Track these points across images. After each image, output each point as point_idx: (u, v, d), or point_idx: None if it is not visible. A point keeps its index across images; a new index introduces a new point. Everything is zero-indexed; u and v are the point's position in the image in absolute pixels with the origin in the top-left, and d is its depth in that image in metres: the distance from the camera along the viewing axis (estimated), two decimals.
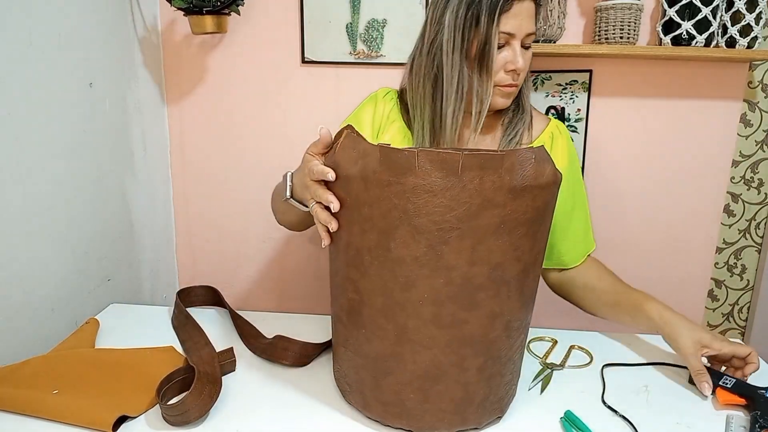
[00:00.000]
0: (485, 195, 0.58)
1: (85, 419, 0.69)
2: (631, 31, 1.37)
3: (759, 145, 1.55)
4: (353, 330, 0.69)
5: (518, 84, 0.97)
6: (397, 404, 0.68)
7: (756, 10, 1.33)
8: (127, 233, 1.36)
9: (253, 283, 1.70)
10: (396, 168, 0.59)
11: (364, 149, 0.62)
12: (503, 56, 0.93)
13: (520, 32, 0.92)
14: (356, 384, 0.72)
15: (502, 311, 0.64)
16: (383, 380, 0.68)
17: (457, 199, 0.58)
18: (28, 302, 0.99)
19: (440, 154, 0.58)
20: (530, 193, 0.60)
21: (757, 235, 1.62)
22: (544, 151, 0.62)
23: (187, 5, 1.29)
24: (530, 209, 0.60)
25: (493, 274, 0.61)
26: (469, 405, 0.67)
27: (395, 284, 0.63)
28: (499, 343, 0.66)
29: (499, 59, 0.93)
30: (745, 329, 1.70)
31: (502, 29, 0.91)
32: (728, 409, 0.77)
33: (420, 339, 0.64)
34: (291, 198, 0.80)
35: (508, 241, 0.61)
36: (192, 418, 0.70)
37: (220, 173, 1.61)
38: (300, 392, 0.79)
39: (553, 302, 1.68)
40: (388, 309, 0.64)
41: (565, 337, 0.96)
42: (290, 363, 0.85)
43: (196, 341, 0.87)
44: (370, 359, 0.68)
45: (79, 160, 1.14)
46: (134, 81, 1.38)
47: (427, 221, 0.59)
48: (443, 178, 0.58)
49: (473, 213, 0.58)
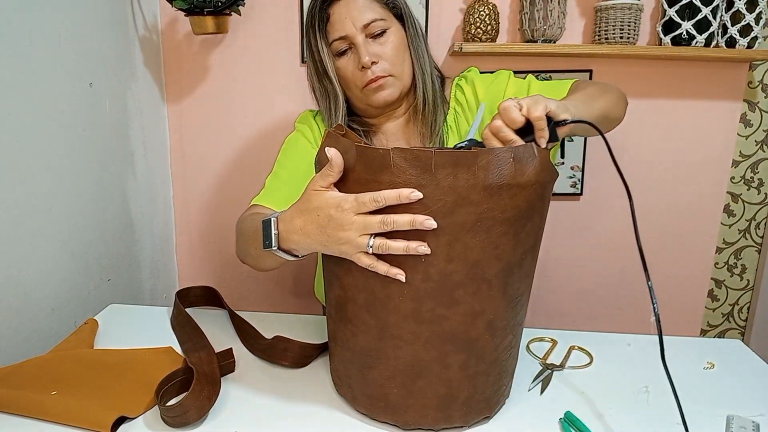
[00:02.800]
0: (459, 192, 0.58)
1: (83, 420, 0.69)
2: (631, 31, 1.37)
3: (759, 145, 1.55)
4: (341, 325, 0.71)
5: (387, 74, 0.96)
6: (382, 398, 0.69)
7: (756, 10, 1.33)
8: (127, 233, 1.36)
9: (253, 284, 1.70)
10: (372, 166, 0.60)
11: (344, 146, 0.63)
12: (351, 60, 0.96)
13: (354, 29, 0.93)
14: (345, 378, 0.73)
15: (484, 309, 0.64)
16: (368, 374, 0.69)
17: (431, 196, 0.58)
18: (28, 302, 0.99)
19: (413, 152, 0.58)
20: (508, 191, 0.60)
21: (757, 235, 1.62)
22: (527, 150, 0.61)
23: (188, 6, 1.29)
24: (509, 208, 0.60)
25: (471, 272, 0.62)
26: (452, 402, 0.68)
27: (376, 280, 0.64)
28: (482, 342, 0.66)
29: (348, 64, 0.96)
30: (745, 329, 1.70)
31: (332, 38, 0.95)
32: None
33: (401, 334, 0.65)
34: (277, 249, 0.69)
35: (486, 239, 0.61)
36: (191, 419, 0.70)
37: (220, 173, 1.61)
38: (299, 393, 0.79)
39: (553, 302, 1.69)
40: (370, 304, 0.65)
41: (565, 338, 0.96)
42: (289, 363, 0.85)
43: (195, 342, 0.87)
44: (356, 353, 0.69)
45: (79, 160, 1.14)
46: (134, 81, 1.38)
47: None
48: (417, 176, 0.58)
49: (448, 210, 0.59)
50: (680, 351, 0.92)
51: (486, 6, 1.36)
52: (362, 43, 0.93)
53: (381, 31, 0.95)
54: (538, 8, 1.35)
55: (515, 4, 1.46)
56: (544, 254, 1.64)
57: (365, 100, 0.99)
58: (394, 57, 0.96)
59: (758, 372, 0.87)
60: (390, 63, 0.95)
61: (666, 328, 1.77)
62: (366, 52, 0.93)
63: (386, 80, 0.96)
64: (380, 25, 0.94)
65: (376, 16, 0.94)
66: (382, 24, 0.94)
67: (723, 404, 0.78)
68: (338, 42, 0.95)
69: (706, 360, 0.90)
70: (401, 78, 0.98)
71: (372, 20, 0.93)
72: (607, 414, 0.75)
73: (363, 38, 0.94)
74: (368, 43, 0.94)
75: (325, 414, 0.74)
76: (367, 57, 0.93)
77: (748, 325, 1.69)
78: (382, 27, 0.95)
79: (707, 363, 0.89)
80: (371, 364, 0.68)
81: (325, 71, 0.97)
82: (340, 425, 0.72)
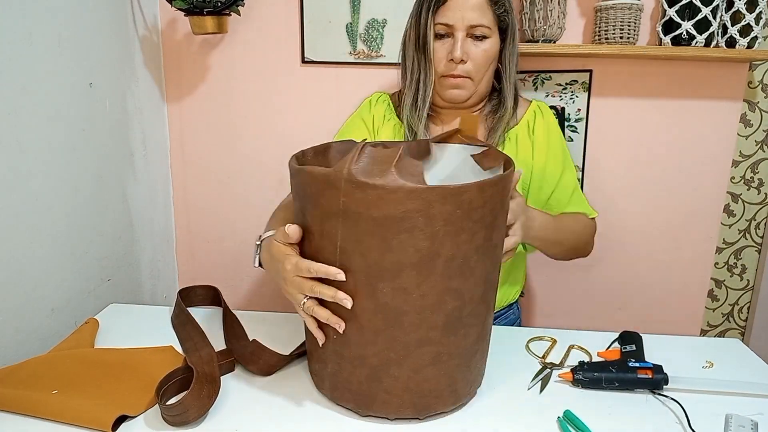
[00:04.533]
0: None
1: (84, 419, 0.69)
2: (631, 31, 1.37)
3: (759, 145, 1.55)
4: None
5: (468, 76, 1.01)
6: (351, 390, 0.72)
7: (756, 10, 1.33)
8: (127, 233, 1.37)
9: (253, 283, 1.70)
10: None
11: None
12: (445, 46, 1.00)
13: (462, 23, 0.98)
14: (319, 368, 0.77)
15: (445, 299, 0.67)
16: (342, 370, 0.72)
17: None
18: (28, 302, 1.00)
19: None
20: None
21: (757, 235, 1.62)
22: None
23: (188, 6, 1.29)
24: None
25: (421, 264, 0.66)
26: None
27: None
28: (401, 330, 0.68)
29: (441, 49, 1.01)
30: (745, 329, 1.70)
31: (439, 20, 0.99)
32: None
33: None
34: (261, 266, 0.80)
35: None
36: (191, 418, 0.70)
37: (220, 173, 1.61)
38: (299, 392, 0.79)
39: (553, 302, 1.69)
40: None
41: (565, 337, 0.96)
42: (256, 370, 0.83)
43: (195, 341, 0.87)
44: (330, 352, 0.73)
45: (79, 161, 1.14)
46: (134, 81, 1.38)
47: (361, 213, 0.63)
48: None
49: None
50: (680, 350, 0.92)
51: None
52: (462, 39, 0.99)
53: (482, 36, 1.00)
54: (538, 8, 1.36)
55: (515, 4, 1.46)
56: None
57: (437, 89, 1.04)
58: (482, 63, 1.01)
59: (757, 371, 0.87)
60: (475, 66, 1.01)
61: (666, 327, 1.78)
62: (461, 47, 0.98)
63: (464, 81, 1.02)
64: (484, 32, 0.99)
65: (484, 21, 0.99)
66: (486, 31, 1.00)
67: (722, 403, 0.78)
68: (441, 26, 1.00)
69: (705, 359, 0.90)
70: (477, 84, 1.03)
71: (480, 24, 0.98)
72: (607, 413, 0.75)
73: (464, 35, 0.99)
74: (466, 41, 0.99)
75: (326, 413, 0.74)
76: (459, 52, 0.98)
77: (748, 325, 1.69)
78: (485, 33, 1.00)
79: (706, 362, 0.89)
80: (337, 351, 0.72)
81: (426, 45, 1.01)
82: (340, 422, 0.72)
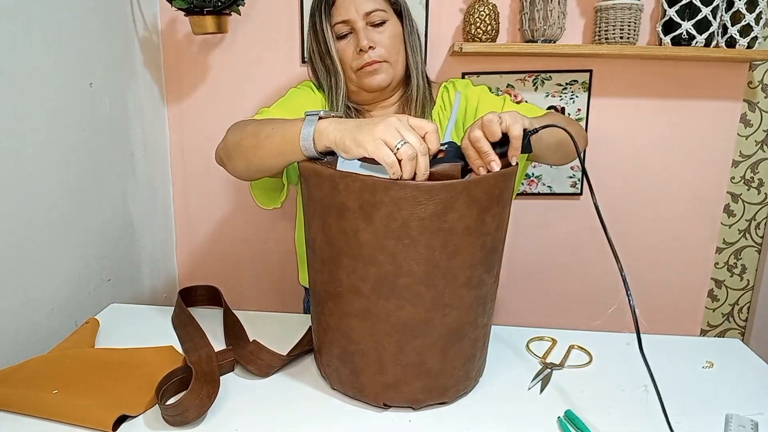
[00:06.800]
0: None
1: (85, 419, 0.69)
2: (631, 31, 1.37)
3: (759, 145, 1.55)
4: (313, 301, 0.80)
5: (382, 59, 1.02)
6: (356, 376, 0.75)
7: (756, 10, 1.33)
8: (127, 233, 1.37)
9: (253, 283, 1.70)
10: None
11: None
12: (350, 43, 1.03)
13: (357, 15, 1.00)
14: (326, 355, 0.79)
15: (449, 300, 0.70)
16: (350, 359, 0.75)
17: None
18: (28, 302, 1.00)
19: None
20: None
21: (757, 235, 1.62)
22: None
23: (188, 5, 1.29)
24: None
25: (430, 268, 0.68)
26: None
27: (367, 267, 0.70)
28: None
29: (347, 47, 1.03)
30: (745, 329, 1.70)
31: (335, 21, 1.02)
32: None
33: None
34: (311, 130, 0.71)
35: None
36: (190, 418, 0.70)
37: (220, 173, 1.61)
38: (299, 392, 0.79)
39: (553, 302, 1.69)
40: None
41: (565, 337, 0.96)
42: (255, 370, 0.83)
43: (195, 342, 0.87)
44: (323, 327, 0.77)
45: (79, 161, 1.14)
46: (134, 81, 1.38)
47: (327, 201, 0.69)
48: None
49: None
50: (680, 350, 0.92)
51: (486, 6, 1.36)
52: (362, 29, 1.01)
53: (381, 21, 1.02)
54: (538, 8, 1.36)
55: (515, 4, 1.46)
56: (544, 254, 1.64)
57: (358, 83, 1.05)
58: (390, 46, 1.03)
59: (757, 371, 0.87)
60: (386, 50, 1.03)
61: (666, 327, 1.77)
62: (365, 36, 1.01)
63: (381, 66, 1.03)
64: (380, 16, 1.02)
65: (377, 6, 1.02)
66: (382, 15, 1.02)
67: (722, 403, 0.78)
68: (340, 25, 1.02)
69: (705, 359, 0.90)
70: (395, 66, 1.05)
71: (373, 9, 1.01)
72: (607, 413, 0.75)
73: (363, 24, 1.01)
74: (368, 30, 1.02)
75: (326, 412, 0.74)
76: (365, 41, 1.00)
77: (748, 325, 1.69)
78: (382, 17, 1.02)
79: (706, 362, 0.89)
80: (333, 338, 0.75)
81: (328, 50, 1.04)
82: (340, 423, 0.72)
